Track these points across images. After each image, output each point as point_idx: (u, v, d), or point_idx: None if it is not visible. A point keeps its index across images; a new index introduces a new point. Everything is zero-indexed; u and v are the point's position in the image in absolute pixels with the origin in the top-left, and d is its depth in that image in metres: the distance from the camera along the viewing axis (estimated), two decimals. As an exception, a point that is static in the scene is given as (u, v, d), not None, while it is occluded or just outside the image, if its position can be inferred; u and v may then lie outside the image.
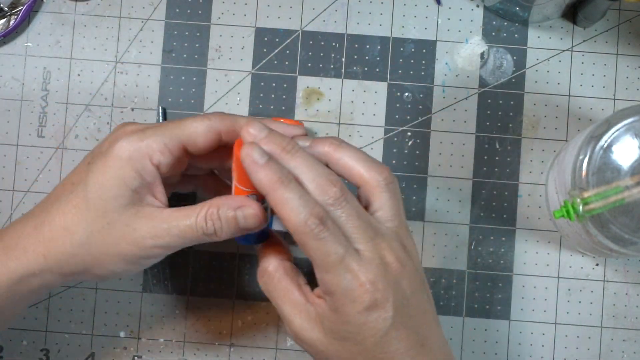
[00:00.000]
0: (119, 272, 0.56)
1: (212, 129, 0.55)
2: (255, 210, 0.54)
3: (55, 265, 0.55)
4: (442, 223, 0.68)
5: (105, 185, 0.54)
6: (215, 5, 0.69)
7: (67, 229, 0.54)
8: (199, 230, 0.54)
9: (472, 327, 0.68)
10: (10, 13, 0.69)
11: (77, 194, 0.55)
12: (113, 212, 0.54)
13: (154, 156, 0.54)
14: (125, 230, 0.54)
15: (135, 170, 0.54)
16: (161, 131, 0.55)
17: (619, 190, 0.56)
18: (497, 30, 0.69)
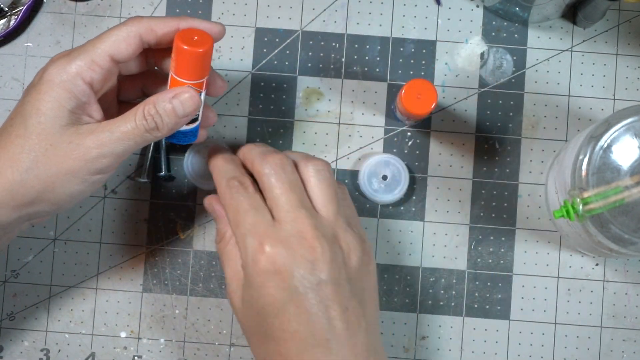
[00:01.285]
0: (73, 194, 0.56)
1: (132, 32, 0.56)
2: (190, 93, 0.56)
3: (5, 197, 0.55)
4: (442, 223, 0.68)
5: (42, 110, 0.55)
6: (215, 5, 0.69)
7: (12, 159, 0.55)
8: (140, 128, 0.55)
9: (472, 327, 0.68)
10: (11, 13, 0.69)
11: (16, 125, 0.56)
12: (54, 133, 0.55)
13: (85, 74, 0.55)
14: (69, 148, 0.55)
15: (68, 90, 0.55)
16: (85, 49, 0.56)
17: (619, 190, 0.56)
18: (497, 30, 0.69)
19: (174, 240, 0.69)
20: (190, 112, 0.56)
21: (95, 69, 0.55)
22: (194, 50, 0.55)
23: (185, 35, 0.55)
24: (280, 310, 0.54)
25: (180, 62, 0.55)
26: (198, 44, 0.55)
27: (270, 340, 0.55)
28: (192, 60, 0.55)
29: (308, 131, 0.69)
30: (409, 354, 0.68)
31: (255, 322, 0.55)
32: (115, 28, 0.56)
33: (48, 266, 0.68)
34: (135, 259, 0.68)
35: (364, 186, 0.67)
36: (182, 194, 0.69)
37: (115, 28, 0.56)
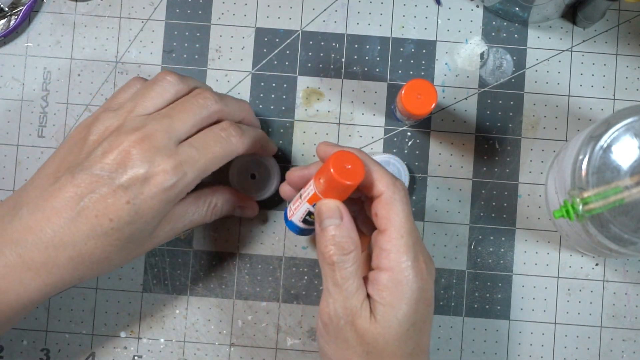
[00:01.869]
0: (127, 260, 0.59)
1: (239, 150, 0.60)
2: (253, 211, 0.66)
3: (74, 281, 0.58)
4: (442, 223, 0.68)
5: (149, 222, 0.56)
6: (215, 5, 0.70)
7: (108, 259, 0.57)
8: (204, 221, 0.62)
9: (472, 327, 0.68)
10: (11, 13, 0.69)
11: (119, 230, 0.55)
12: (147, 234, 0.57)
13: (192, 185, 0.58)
14: (151, 238, 0.58)
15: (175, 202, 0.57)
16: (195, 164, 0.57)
17: (619, 190, 0.56)
18: (497, 31, 0.69)
19: (174, 240, 0.69)
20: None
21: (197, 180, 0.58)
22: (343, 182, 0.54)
23: (339, 160, 0.54)
24: (424, 326, 0.55)
25: (329, 188, 0.55)
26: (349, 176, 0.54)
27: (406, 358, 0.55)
28: (338, 188, 0.55)
29: (308, 131, 0.69)
30: (409, 354, 0.68)
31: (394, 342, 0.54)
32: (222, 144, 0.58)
33: (48, 266, 0.68)
34: (135, 259, 0.68)
35: (364, 186, 0.67)
36: (182, 194, 0.69)
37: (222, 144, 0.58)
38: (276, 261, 0.68)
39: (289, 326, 0.68)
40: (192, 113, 0.57)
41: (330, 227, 0.54)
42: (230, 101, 0.60)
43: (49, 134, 0.69)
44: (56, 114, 0.69)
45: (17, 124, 0.69)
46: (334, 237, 0.54)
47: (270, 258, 0.68)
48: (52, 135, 0.69)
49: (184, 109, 0.57)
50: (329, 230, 0.54)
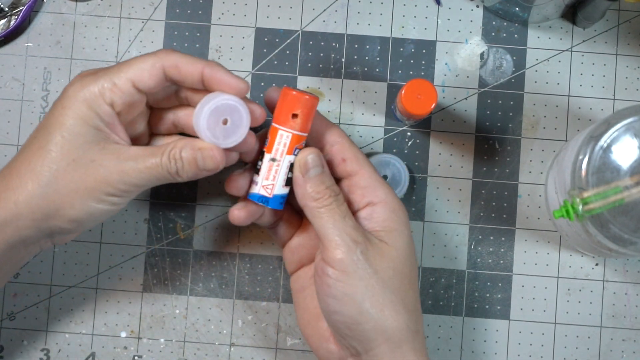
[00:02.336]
0: (91, 212, 0.56)
1: (157, 64, 0.56)
2: (214, 153, 0.56)
3: (25, 209, 0.55)
4: (442, 223, 0.68)
5: (65, 124, 0.55)
6: (215, 5, 0.70)
7: (33, 171, 0.55)
8: (163, 167, 0.56)
9: (472, 327, 0.68)
10: (11, 13, 0.69)
11: (39, 137, 0.55)
12: (77, 149, 0.55)
13: (106, 95, 0.55)
14: (92, 166, 0.55)
15: (92, 109, 0.55)
16: (110, 71, 0.56)
17: (619, 190, 0.56)
18: (496, 31, 0.69)
19: (174, 240, 0.69)
20: (209, 169, 0.56)
21: (116, 92, 0.55)
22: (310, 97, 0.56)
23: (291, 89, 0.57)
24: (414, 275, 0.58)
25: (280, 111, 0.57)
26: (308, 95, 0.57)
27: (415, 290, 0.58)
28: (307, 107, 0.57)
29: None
30: (409, 353, 0.68)
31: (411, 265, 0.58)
32: (142, 56, 0.56)
33: (48, 266, 0.68)
34: (135, 259, 0.68)
35: (364, 186, 0.67)
36: (182, 194, 0.69)
37: (142, 56, 0.56)
38: (276, 261, 0.68)
39: (289, 326, 0.68)
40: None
41: (317, 176, 0.57)
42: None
43: (49, 134, 0.69)
44: (56, 114, 0.69)
45: (17, 124, 0.69)
46: (323, 182, 0.57)
47: (270, 258, 0.68)
48: (52, 135, 0.69)
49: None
50: (315, 178, 0.57)
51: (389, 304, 0.56)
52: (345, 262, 0.55)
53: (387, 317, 0.55)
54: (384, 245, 0.57)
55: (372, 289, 0.56)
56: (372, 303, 0.55)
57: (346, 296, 0.55)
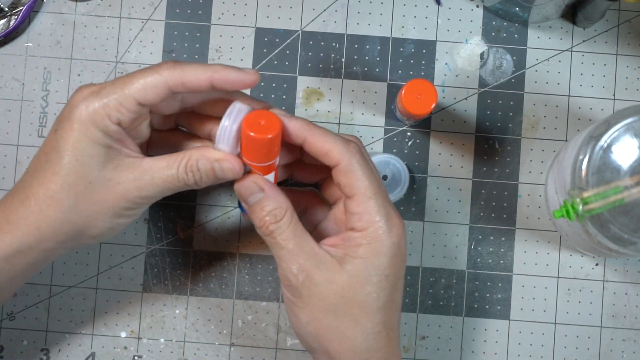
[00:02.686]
0: (112, 228, 0.57)
1: (161, 82, 0.55)
2: (233, 164, 0.56)
3: (49, 233, 0.55)
4: (442, 223, 0.68)
5: (78, 147, 0.55)
6: (215, 5, 0.70)
7: (52, 197, 0.55)
8: (180, 181, 0.56)
9: (472, 327, 0.68)
10: (11, 13, 0.69)
11: (51, 161, 0.55)
12: (93, 170, 0.55)
13: (112, 115, 0.55)
14: (109, 185, 0.55)
15: (100, 129, 0.55)
16: (114, 89, 0.55)
17: (619, 190, 0.56)
18: (497, 31, 0.69)
19: (174, 240, 0.69)
20: (229, 178, 0.56)
21: (123, 112, 0.55)
22: (261, 137, 0.54)
23: (252, 120, 0.54)
24: (398, 280, 0.56)
25: (247, 147, 0.55)
26: (265, 130, 0.54)
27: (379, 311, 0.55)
28: (258, 146, 0.55)
29: (308, 131, 0.69)
30: (408, 353, 0.68)
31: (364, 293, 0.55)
32: (146, 73, 0.55)
33: (48, 266, 0.68)
34: (135, 259, 0.68)
35: (364, 186, 0.67)
36: (182, 194, 0.69)
37: (146, 73, 0.55)
38: (276, 261, 0.68)
39: (289, 326, 0.68)
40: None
41: (256, 203, 0.56)
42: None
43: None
44: (56, 114, 0.69)
45: (17, 124, 0.69)
46: (263, 209, 0.56)
47: (270, 258, 0.68)
48: (52, 135, 0.69)
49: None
50: (256, 205, 0.56)
51: (332, 329, 0.56)
52: (292, 287, 0.56)
53: (329, 341, 0.56)
54: (335, 271, 0.55)
55: (315, 314, 0.56)
56: (315, 327, 0.56)
57: (295, 317, 0.57)
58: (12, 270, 0.56)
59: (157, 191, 0.56)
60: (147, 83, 0.55)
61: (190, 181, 0.56)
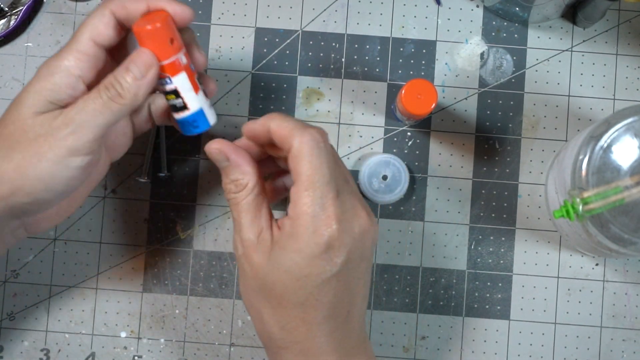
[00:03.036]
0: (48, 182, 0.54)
1: (106, 11, 0.56)
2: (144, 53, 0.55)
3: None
4: (442, 223, 0.68)
5: (22, 101, 0.55)
6: (215, 5, 0.70)
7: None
8: (104, 99, 0.54)
9: (472, 327, 0.68)
10: (11, 13, 0.69)
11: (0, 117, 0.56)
12: (27, 119, 0.54)
13: (73, 68, 0.55)
14: (40, 130, 0.54)
15: (52, 82, 0.54)
16: (69, 42, 0.56)
17: (619, 190, 0.56)
18: (497, 31, 0.69)
19: (174, 240, 0.69)
20: (146, 71, 0.55)
21: (82, 58, 0.55)
22: (144, 29, 0.54)
23: (142, 20, 0.55)
24: (324, 282, 0.54)
25: (142, 43, 0.55)
26: (149, 22, 0.54)
27: (297, 306, 0.55)
28: (147, 39, 0.55)
29: (308, 131, 0.69)
30: (408, 354, 0.68)
31: (282, 286, 0.54)
32: (90, 14, 0.56)
33: (48, 266, 0.68)
34: (135, 259, 0.68)
35: (364, 186, 0.67)
36: (182, 194, 0.69)
37: (90, 14, 0.56)
38: (276, 261, 0.68)
39: (289, 326, 0.68)
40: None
41: (222, 169, 0.56)
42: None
43: (49, 134, 0.69)
44: (56, 114, 0.69)
45: (17, 124, 0.69)
46: (227, 176, 0.56)
47: (270, 258, 0.68)
48: (52, 135, 0.69)
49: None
50: (222, 170, 0.57)
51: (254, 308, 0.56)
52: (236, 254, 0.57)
53: (252, 317, 0.57)
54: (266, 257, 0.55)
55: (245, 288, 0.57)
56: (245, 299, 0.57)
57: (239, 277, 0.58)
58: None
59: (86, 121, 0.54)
60: (95, 19, 0.56)
61: (112, 94, 0.55)
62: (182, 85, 0.57)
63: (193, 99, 0.57)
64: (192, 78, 0.57)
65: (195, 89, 0.57)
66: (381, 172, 0.67)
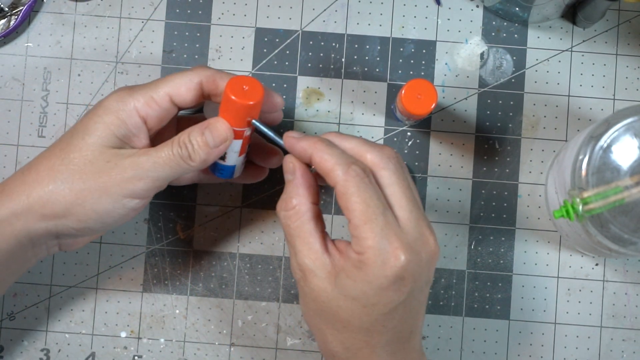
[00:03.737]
0: (102, 215, 0.56)
1: (195, 80, 0.58)
2: (221, 124, 0.57)
3: (37, 203, 0.56)
4: (442, 223, 0.68)
5: (89, 129, 0.57)
6: (215, 5, 0.70)
7: (51, 169, 0.56)
8: (175, 155, 0.56)
9: (472, 327, 0.68)
10: (11, 13, 0.69)
11: (63, 139, 0.58)
12: (94, 150, 0.56)
13: (141, 109, 0.57)
14: (106, 166, 0.56)
15: (120, 119, 0.57)
16: (148, 86, 0.58)
17: (619, 190, 0.56)
18: (496, 31, 0.69)
19: (174, 240, 0.69)
20: (220, 143, 0.57)
21: (153, 106, 0.57)
22: (241, 102, 0.55)
23: (236, 83, 0.56)
24: (391, 310, 0.54)
25: (227, 110, 0.57)
26: (247, 97, 0.56)
27: (361, 331, 0.55)
28: (239, 110, 0.56)
29: (308, 131, 0.69)
30: (409, 353, 0.68)
31: (348, 311, 0.54)
32: (180, 72, 0.58)
33: (48, 266, 0.68)
34: (135, 259, 0.68)
35: (364, 186, 0.67)
36: (182, 194, 0.69)
37: (180, 72, 0.58)
38: (276, 261, 0.68)
39: (289, 326, 0.68)
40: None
41: (286, 182, 0.57)
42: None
43: (49, 134, 0.69)
44: (56, 114, 0.69)
45: (17, 124, 0.69)
46: (285, 190, 0.56)
47: (270, 258, 0.68)
48: (52, 135, 0.69)
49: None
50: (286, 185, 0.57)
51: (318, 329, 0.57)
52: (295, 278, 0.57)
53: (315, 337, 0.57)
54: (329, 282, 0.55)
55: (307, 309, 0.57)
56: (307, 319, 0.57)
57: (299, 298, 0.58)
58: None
59: (154, 170, 0.56)
60: (181, 81, 0.57)
61: (184, 154, 0.56)
62: (234, 147, 0.59)
63: (234, 158, 0.60)
64: (245, 145, 0.59)
65: (241, 152, 0.60)
66: (381, 172, 0.67)
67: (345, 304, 0.54)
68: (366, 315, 0.54)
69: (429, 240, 0.54)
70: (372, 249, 0.53)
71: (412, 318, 0.55)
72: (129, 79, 0.69)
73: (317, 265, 0.55)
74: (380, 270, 0.53)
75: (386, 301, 0.54)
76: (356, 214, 0.53)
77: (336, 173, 0.53)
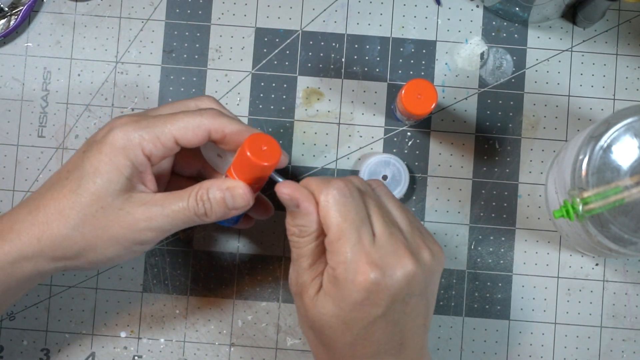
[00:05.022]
0: (111, 258, 0.57)
1: (203, 126, 0.56)
2: (244, 190, 0.56)
3: (48, 247, 0.56)
4: (442, 223, 0.68)
5: (100, 171, 0.55)
6: (215, 5, 0.70)
7: (61, 212, 0.55)
8: (190, 211, 0.56)
9: (472, 327, 0.68)
10: (11, 13, 0.69)
11: (72, 179, 0.56)
12: (107, 196, 0.55)
13: (146, 147, 0.56)
14: (119, 214, 0.55)
15: (129, 159, 0.55)
16: (154, 123, 0.56)
17: (619, 190, 0.56)
18: (496, 31, 0.69)
19: (174, 240, 0.69)
20: (240, 208, 0.57)
21: (157, 146, 0.56)
22: (258, 162, 0.55)
23: (255, 142, 0.55)
24: (370, 324, 0.54)
25: (241, 165, 0.56)
26: (264, 157, 0.55)
27: (345, 346, 0.55)
28: (254, 169, 0.55)
29: (308, 131, 0.69)
30: (409, 354, 0.68)
31: (330, 328, 0.55)
32: (190, 113, 0.57)
33: (48, 266, 0.68)
34: (135, 259, 0.68)
35: (364, 186, 0.67)
36: (182, 194, 0.69)
37: (190, 113, 0.57)
38: (276, 261, 0.68)
39: (289, 326, 0.68)
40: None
41: (290, 212, 0.56)
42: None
43: (49, 134, 0.69)
44: (56, 114, 0.69)
45: (17, 124, 0.69)
46: (293, 219, 0.56)
47: (270, 258, 0.68)
48: (52, 135, 0.69)
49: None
50: (289, 214, 0.56)
51: (312, 341, 0.58)
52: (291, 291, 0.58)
53: (311, 349, 0.58)
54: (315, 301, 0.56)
55: (301, 322, 0.58)
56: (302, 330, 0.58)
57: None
58: (5, 282, 0.56)
59: (167, 223, 0.56)
60: (189, 124, 0.56)
61: (200, 211, 0.56)
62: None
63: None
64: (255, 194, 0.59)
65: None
66: (381, 172, 0.67)
67: (327, 321, 0.55)
68: (348, 330, 0.55)
69: (402, 259, 0.54)
70: (342, 265, 0.54)
71: (399, 330, 0.55)
72: (129, 79, 0.69)
73: (312, 284, 0.56)
74: (352, 285, 0.53)
75: (363, 315, 0.54)
76: (332, 228, 0.54)
77: (320, 188, 0.55)
